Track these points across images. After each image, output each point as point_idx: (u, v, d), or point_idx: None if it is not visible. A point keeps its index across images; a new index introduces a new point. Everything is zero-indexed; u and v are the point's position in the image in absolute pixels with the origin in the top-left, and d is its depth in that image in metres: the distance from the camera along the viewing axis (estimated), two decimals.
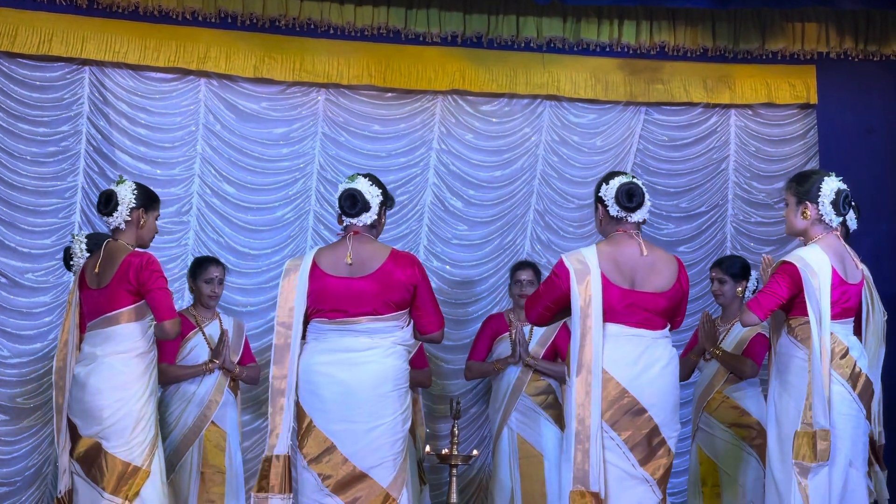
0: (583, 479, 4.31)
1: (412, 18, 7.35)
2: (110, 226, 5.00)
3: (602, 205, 4.65)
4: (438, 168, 7.56)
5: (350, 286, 4.69)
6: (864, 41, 7.59)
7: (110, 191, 5.00)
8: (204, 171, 7.26)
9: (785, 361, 4.58)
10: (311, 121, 7.43)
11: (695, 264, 7.62)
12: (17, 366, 6.84)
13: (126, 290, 4.87)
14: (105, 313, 4.90)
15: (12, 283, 6.88)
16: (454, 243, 7.56)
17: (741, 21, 7.58)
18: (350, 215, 4.73)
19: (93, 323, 4.96)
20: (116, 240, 4.99)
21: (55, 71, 7.04)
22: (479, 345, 6.69)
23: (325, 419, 4.63)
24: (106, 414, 4.84)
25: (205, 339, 6.00)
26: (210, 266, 6.12)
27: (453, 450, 5.61)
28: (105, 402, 4.84)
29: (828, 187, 4.62)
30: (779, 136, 7.79)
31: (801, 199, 4.65)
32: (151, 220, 5.07)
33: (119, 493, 4.80)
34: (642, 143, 7.73)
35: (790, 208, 4.72)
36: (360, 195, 4.72)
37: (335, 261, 4.73)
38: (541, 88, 7.55)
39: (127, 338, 4.91)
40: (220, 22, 7.14)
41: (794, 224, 4.71)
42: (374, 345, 4.70)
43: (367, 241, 4.77)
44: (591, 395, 4.36)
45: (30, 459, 6.75)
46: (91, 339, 4.95)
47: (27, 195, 6.94)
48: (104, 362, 4.88)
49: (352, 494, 4.57)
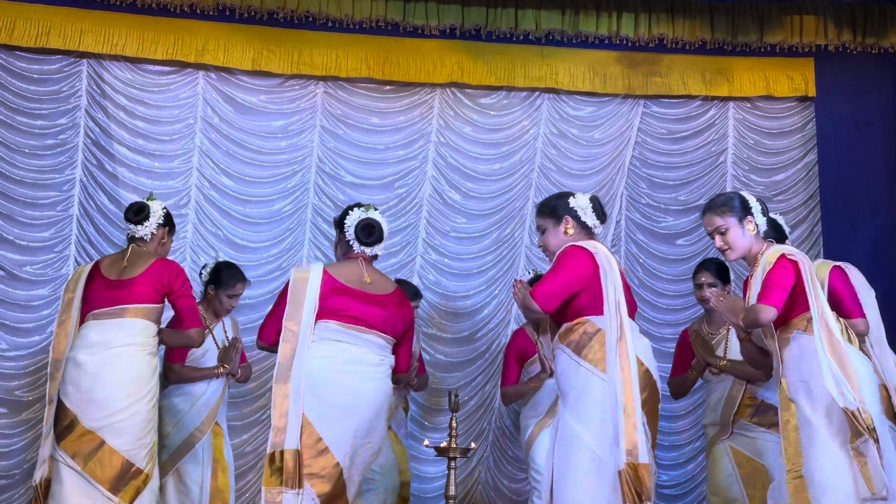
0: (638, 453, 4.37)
1: (410, 11, 7.35)
2: (135, 234, 5.20)
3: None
4: (437, 161, 7.56)
5: (370, 298, 4.86)
6: (862, 34, 7.58)
7: (143, 203, 5.24)
8: (202, 163, 7.25)
9: (808, 360, 4.47)
10: (309, 113, 7.43)
11: (693, 257, 7.62)
12: (16, 358, 6.85)
13: (154, 289, 5.04)
14: (125, 304, 4.98)
15: (10, 275, 6.88)
16: (453, 236, 7.56)
17: (739, 13, 7.58)
18: (366, 244, 4.94)
19: (104, 311, 4.99)
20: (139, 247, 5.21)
21: (53, 63, 7.04)
22: (509, 370, 6.23)
23: (324, 421, 4.64)
24: (117, 407, 4.85)
25: (214, 341, 6.00)
26: (238, 284, 6.07)
27: (452, 443, 5.61)
28: (118, 395, 4.86)
29: (751, 200, 4.71)
30: (777, 129, 7.79)
31: (744, 216, 4.64)
32: (169, 242, 5.38)
33: (118, 492, 4.81)
34: (641, 136, 7.73)
35: (734, 230, 4.63)
36: (378, 227, 4.94)
37: (349, 276, 4.88)
38: (539, 81, 7.56)
39: (141, 332, 5.00)
40: (219, 14, 7.14)
41: (743, 243, 4.65)
42: (381, 363, 4.85)
43: (374, 269, 4.99)
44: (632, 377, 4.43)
45: (28, 452, 6.75)
46: (100, 327, 4.97)
47: (25, 188, 6.94)
48: (120, 353, 4.92)
49: (328, 494, 4.63)
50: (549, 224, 4.74)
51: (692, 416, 7.46)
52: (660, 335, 7.53)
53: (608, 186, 7.63)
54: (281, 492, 4.50)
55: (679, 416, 7.50)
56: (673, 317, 7.60)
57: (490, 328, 7.47)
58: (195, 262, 7.10)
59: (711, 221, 4.67)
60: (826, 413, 4.37)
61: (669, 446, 7.48)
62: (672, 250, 7.69)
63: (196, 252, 7.15)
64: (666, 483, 7.46)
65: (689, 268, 7.61)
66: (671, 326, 7.57)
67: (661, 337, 7.53)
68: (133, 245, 5.20)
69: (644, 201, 7.71)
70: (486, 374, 7.43)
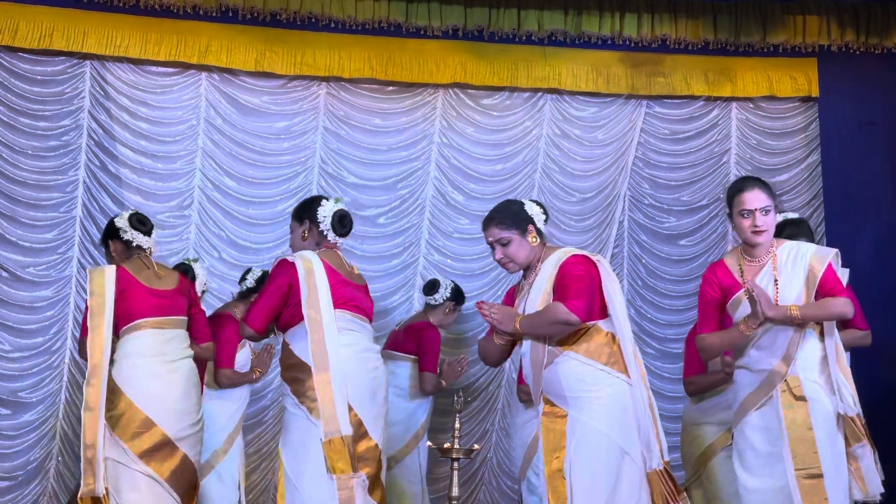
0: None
1: (413, 12, 7.35)
2: (143, 245, 5.12)
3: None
4: (440, 162, 7.56)
5: (360, 289, 4.94)
6: (865, 34, 7.57)
7: (145, 216, 5.23)
8: (205, 165, 7.26)
9: (823, 361, 4.45)
10: (312, 115, 7.43)
11: (696, 258, 7.63)
12: (19, 360, 6.85)
13: (185, 301, 5.11)
14: (175, 314, 5.04)
15: (14, 277, 6.88)
16: (455, 237, 7.56)
17: (742, 14, 7.57)
18: (341, 234, 4.98)
19: (161, 320, 5.00)
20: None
21: (56, 65, 7.04)
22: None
23: (361, 405, 4.70)
24: (196, 418, 4.96)
25: (250, 348, 6.10)
26: None
27: (455, 443, 5.62)
28: (194, 405, 4.98)
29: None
30: (780, 129, 7.78)
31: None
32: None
33: (190, 502, 4.92)
34: (643, 137, 7.72)
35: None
36: (349, 218, 5.01)
37: (338, 266, 4.90)
38: (542, 82, 7.55)
39: (190, 342, 5.10)
40: (221, 16, 7.14)
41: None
42: (378, 352, 4.98)
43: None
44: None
45: (31, 454, 6.76)
46: (163, 336, 4.98)
47: (28, 189, 6.95)
48: (188, 363, 5.02)
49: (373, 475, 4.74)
50: (514, 235, 4.48)
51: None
52: (662, 335, 7.53)
53: (611, 187, 7.63)
54: (352, 477, 4.56)
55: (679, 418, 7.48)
56: (676, 317, 7.59)
57: None
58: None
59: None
60: (835, 413, 4.37)
61: (672, 447, 7.44)
62: (675, 251, 7.68)
63: (199, 253, 7.14)
64: None
65: (691, 268, 7.63)
66: (674, 327, 7.57)
67: (663, 337, 7.53)
68: (146, 255, 5.14)
69: (647, 202, 7.71)
70: (488, 376, 7.43)
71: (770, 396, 4.40)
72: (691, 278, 7.59)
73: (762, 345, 4.44)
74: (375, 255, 7.38)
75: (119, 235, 5.11)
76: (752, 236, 4.47)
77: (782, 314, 4.32)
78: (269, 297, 4.76)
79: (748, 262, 4.50)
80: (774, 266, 4.46)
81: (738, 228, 4.52)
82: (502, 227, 4.46)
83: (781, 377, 4.41)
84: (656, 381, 7.47)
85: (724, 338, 4.53)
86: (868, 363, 6.62)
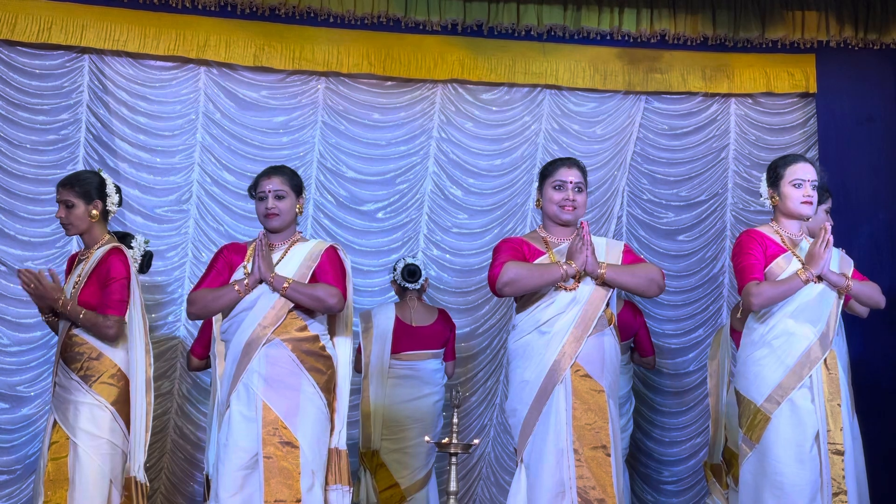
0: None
1: (412, 7, 7.34)
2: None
3: None
4: (438, 157, 7.56)
5: None
6: (863, 29, 7.57)
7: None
8: (204, 159, 7.26)
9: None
10: (310, 109, 7.42)
11: (694, 253, 7.63)
12: (17, 354, 6.86)
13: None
14: None
15: (12, 271, 6.87)
16: (454, 232, 7.56)
17: (741, 9, 7.57)
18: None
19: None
20: None
21: (55, 59, 7.03)
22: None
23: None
24: None
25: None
26: None
27: (453, 438, 5.62)
28: None
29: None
30: (778, 125, 7.78)
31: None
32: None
33: None
34: (642, 132, 7.72)
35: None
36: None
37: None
38: (540, 77, 7.55)
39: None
40: (220, 10, 7.14)
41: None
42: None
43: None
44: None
45: (30, 448, 6.76)
46: None
47: (27, 183, 6.94)
48: None
49: None
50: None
51: (693, 412, 7.47)
52: (661, 331, 7.54)
53: (610, 182, 7.63)
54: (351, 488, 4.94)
55: (680, 413, 7.51)
56: (674, 312, 7.60)
57: (491, 324, 7.47)
58: (196, 258, 7.11)
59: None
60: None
61: (670, 442, 7.49)
62: (673, 246, 7.68)
63: (197, 248, 7.15)
64: (667, 479, 7.47)
65: (689, 263, 7.64)
66: (672, 322, 7.58)
67: (662, 333, 7.54)
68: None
69: (645, 197, 7.71)
70: (487, 370, 7.44)
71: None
72: (689, 273, 7.60)
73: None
74: (374, 250, 7.38)
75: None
76: (801, 207, 4.56)
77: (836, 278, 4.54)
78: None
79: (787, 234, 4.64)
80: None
81: (785, 198, 4.58)
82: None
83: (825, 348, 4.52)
84: (654, 377, 7.49)
85: (781, 286, 4.48)
86: (868, 363, 6.65)
